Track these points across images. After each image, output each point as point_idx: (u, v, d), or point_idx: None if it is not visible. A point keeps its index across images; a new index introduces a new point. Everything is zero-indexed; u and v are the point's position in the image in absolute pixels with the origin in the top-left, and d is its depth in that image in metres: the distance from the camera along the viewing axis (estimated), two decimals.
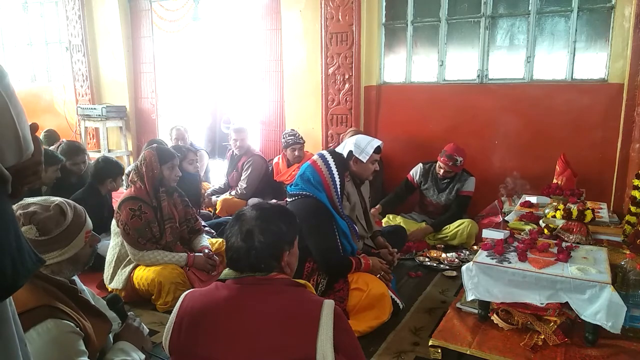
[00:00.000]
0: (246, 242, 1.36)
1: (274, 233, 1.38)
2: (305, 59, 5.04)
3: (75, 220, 1.58)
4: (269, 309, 1.30)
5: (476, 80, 4.46)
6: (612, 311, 1.94)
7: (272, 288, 1.35)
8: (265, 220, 1.39)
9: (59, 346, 1.41)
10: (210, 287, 1.40)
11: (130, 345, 1.71)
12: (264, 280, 1.35)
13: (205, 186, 5.07)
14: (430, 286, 3.24)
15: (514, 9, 4.26)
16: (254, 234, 1.36)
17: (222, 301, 1.33)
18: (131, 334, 1.75)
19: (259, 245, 1.35)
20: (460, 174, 4.03)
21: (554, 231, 2.67)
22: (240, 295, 1.33)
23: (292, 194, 2.68)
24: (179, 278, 2.91)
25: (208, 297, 1.36)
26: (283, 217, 1.44)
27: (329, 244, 2.57)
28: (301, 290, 1.39)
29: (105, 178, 3.54)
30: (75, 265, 1.60)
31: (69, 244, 1.55)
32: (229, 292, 1.34)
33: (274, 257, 1.38)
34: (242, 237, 1.36)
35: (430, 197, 4.13)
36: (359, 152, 2.89)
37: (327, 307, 1.31)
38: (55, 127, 5.91)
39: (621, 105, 3.81)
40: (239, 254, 1.36)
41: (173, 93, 6.65)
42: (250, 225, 1.37)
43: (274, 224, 1.39)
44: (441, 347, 2.16)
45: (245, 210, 1.44)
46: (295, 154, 4.55)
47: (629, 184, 3.65)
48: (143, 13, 6.20)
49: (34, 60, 7.38)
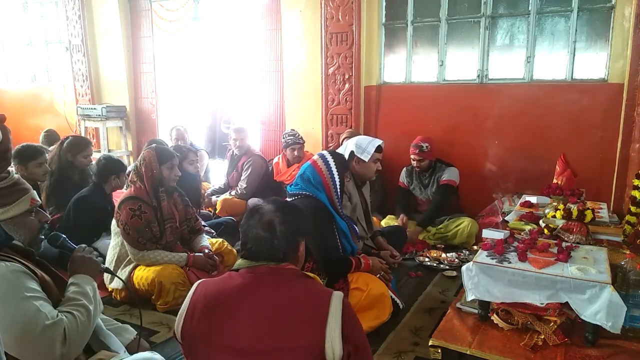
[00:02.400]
0: (268, 232, 1.40)
1: (293, 223, 1.44)
2: (305, 59, 5.04)
3: (20, 183, 1.71)
4: (282, 297, 1.35)
5: (476, 80, 4.46)
6: (612, 311, 1.94)
7: (285, 277, 1.40)
8: (284, 212, 1.45)
9: (6, 282, 1.47)
10: (224, 276, 1.44)
11: (82, 276, 1.71)
12: (277, 270, 1.40)
13: (205, 186, 5.07)
14: (430, 286, 3.24)
15: (514, 9, 4.25)
16: (275, 224, 1.41)
17: (235, 289, 1.38)
18: (80, 265, 1.74)
19: (280, 234, 1.41)
20: (439, 165, 4.09)
21: (554, 231, 2.67)
22: (253, 283, 1.38)
23: (292, 194, 2.69)
24: (179, 278, 2.91)
25: (221, 285, 1.41)
26: (297, 210, 1.53)
27: (329, 243, 2.58)
28: (311, 280, 1.45)
29: (108, 175, 3.54)
30: (22, 229, 1.70)
31: (14, 202, 1.66)
32: (243, 280, 1.39)
33: (292, 247, 1.44)
34: (264, 228, 1.41)
35: (419, 196, 4.20)
36: (361, 151, 2.89)
37: (336, 298, 1.35)
38: (55, 127, 5.90)
39: (621, 105, 3.81)
40: (259, 245, 1.41)
41: (173, 93, 6.65)
42: (270, 216, 1.43)
43: (292, 216, 1.47)
44: (441, 347, 2.15)
45: (262, 205, 1.49)
46: (295, 154, 4.55)
47: (629, 184, 3.65)
48: (143, 13, 6.20)
49: (34, 60, 7.38)
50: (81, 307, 1.60)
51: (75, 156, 3.95)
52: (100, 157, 3.68)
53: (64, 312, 1.55)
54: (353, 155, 2.92)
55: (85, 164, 3.95)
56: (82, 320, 1.57)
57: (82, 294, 1.64)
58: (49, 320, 1.48)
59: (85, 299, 1.64)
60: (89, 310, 1.62)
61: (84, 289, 1.66)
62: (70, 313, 1.56)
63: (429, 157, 4.03)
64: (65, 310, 1.56)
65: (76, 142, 4.02)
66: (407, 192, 4.26)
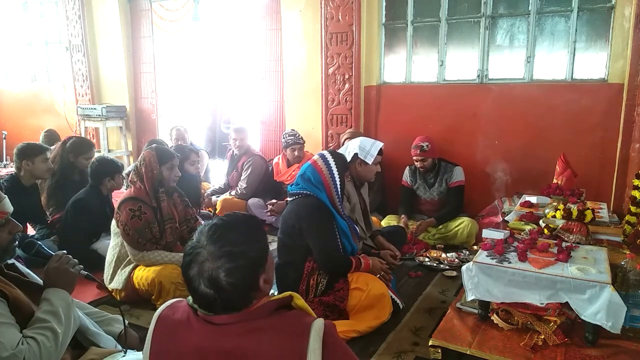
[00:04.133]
0: (213, 289, 1.12)
1: (243, 268, 1.13)
2: (305, 59, 5.04)
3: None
4: (251, 347, 1.12)
5: (476, 80, 4.46)
6: (612, 311, 1.94)
7: (251, 325, 1.14)
8: (228, 256, 1.12)
9: None
10: (183, 320, 1.20)
11: (56, 290, 1.62)
12: (241, 318, 1.14)
13: (205, 186, 5.08)
14: (430, 286, 3.24)
15: (514, 9, 4.25)
16: (220, 279, 1.11)
17: (195, 349, 1.15)
18: (55, 278, 1.65)
19: (230, 287, 1.12)
20: (443, 165, 4.09)
21: (554, 231, 2.67)
22: (214, 341, 1.14)
23: (293, 193, 2.69)
24: (179, 278, 2.90)
25: (179, 341, 1.18)
26: (248, 237, 1.18)
27: (330, 243, 2.58)
28: (284, 317, 1.18)
29: (102, 177, 3.54)
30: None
31: None
32: (201, 335, 1.15)
33: (249, 290, 1.15)
34: (207, 284, 1.12)
35: (423, 196, 4.18)
36: (364, 154, 2.90)
37: (315, 335, 1.11)
38: (55, 127, 5.91)
39: (621, 105, 3.81)
40: (207, 300, 1.14)
41: (173, 93, 6.65)
42: (210, 268, 1.12)
43: (239, 256, 1.13)
44: (441, 347, 2.16)
45: (200, 246, 1.16)
46: (295, 154, 4.55)
47: (629, 184, 3.65)
48: (143, 13, 6.20)
49: (34, 60, 7.39)
50: (48, 331, 1.52)
51: (77, 157, 3.96)
52: (94, 159, 3.68)
53: (29, 337, 1.48)
54: (356, 157, 2.92)
55: (86, 165, 3.96)
56: (47, 346, 1.49)
57: (52, 314, 1.56)
58: (7, 351, 1.39)
59: (54, 320, 1.55)
60: (57, 334, 1.53)
61: (54, 308, 1.57)
62: (34, 339, 1.47)
63: (431, 155, 4.03)
64: (30, 336, 1.48)
65: (79, 143, 4.03)
66: (410, 191, 4.25)
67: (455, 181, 4.03)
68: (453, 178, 4.03)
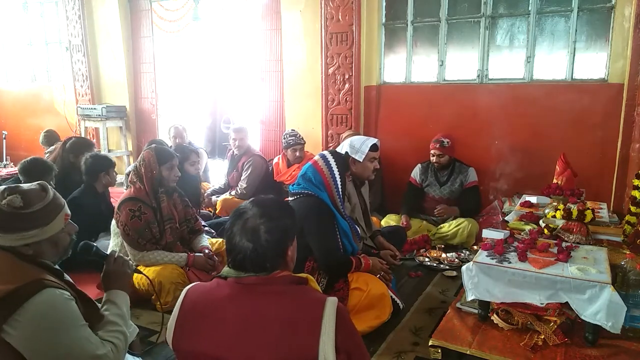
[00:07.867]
0: (253, 242, 1.31)
1: (279, 230, 1.34)
2: (305, 59, 5.04)
3: (55, 200, 1.61)
4: (271, 310, 1.28)
5: (476, 80, 4.46)
6: (612, 311, 1.94)
7: (274, 288, 1.32)
8: (269, 217, 1.34)
9: (61, 311, 1.44)
10: (212, 284, 1.37)
11: (117, 293, 1.68)
12: (266, 280, 1.32)
13: (205, 186, 5.07)
14: (430, 286, 3.24)
15: (514, 9, 4.25)
16: (260, 233, 1.31)
17: (224, 301, 1.32)
18: (114, 280, 1.71)
19: (266, 244, 1.31)
20: (457, 165, 4.09)
21: (554, 231, 2.67)
22: (242, 296, 1.31)
23: (294, 193, 2.69)
24: (179, 278, 2.91)
25: (210, 295, 1.35)
26: (285, 212, 1.41)
27: (330, 243, 2.58)
28: (303, 288, 1.36)
29: (97, 173, 3.53)
30: (55, 248, 1.60)
31: (50, 223, 1.56)
32: (231, 291, 1.32)
33: (279, 254, 1.35)
34: (248, 237, 1.31)
35: (433, 194, 4.15)
36: (354, 152, 2.90)
37: (330, 307, 1.27)
38: (55, 127, 5.91)
39: (621, 105, 3.81)
40: (245, 254, 1.32)
41: (173, 93, 6.66)
42: (254, 223, 1.32)
43: (278, 221, 1.35)
44: (441, 347, 2.16)
45: (246, 208, 1.37)
46: (296, 154, 4.55)
47: (629, 184, 3.65)
48: (143, 13, 6.20)
49: (34, 60, 7.39)
50: (121, 335, 1.60)
51: (77, 157, 3.95)
52: (86, 156, 3.66)
53: (108, 341, 1.55)
54: (348, 156, 2.92)
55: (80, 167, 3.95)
56: (121, 349, 1.58)
57: (120, 317, 1.64)
58: (100, 350, 1.48)
59: (123, 322, 1.63)
60: (126, 337, 1.63)
61: (121, 311, 1.66)
62: (113, 344, 1.56)
63: (449, 152, 4.04)
64: (109, 340, 1.56)
65: (80, 143, 4.02)
66: (416, 189, 4.22)
67: (471, 181, 4.06)
68: (468, 179, 4.06)
